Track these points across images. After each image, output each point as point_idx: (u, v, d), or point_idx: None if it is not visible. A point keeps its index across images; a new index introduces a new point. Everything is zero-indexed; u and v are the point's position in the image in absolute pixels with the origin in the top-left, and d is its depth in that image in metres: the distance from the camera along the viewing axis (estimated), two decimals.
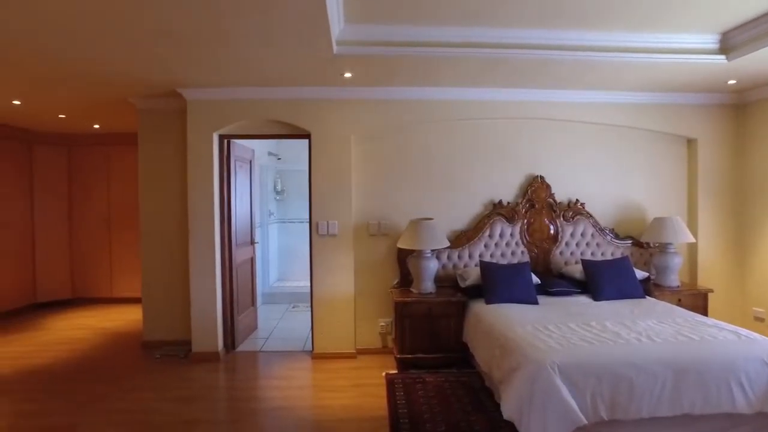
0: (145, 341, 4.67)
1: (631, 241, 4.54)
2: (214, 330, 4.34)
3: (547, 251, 4.48)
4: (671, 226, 4.14)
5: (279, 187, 7.35)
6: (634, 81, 4.09)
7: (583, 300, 3.92)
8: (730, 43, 3.49)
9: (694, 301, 4.08)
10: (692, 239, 4.20)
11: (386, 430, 2.97)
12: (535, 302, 3.80)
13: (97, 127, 6.02)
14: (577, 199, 4.54)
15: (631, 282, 3.98)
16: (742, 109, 4.60)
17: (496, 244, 4.44)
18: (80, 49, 3.12)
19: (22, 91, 4.23)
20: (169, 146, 4.59)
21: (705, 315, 3.92)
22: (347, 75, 3.83)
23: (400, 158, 4.47)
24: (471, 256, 4.41)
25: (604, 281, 3.96)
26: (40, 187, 6.35)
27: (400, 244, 4.12)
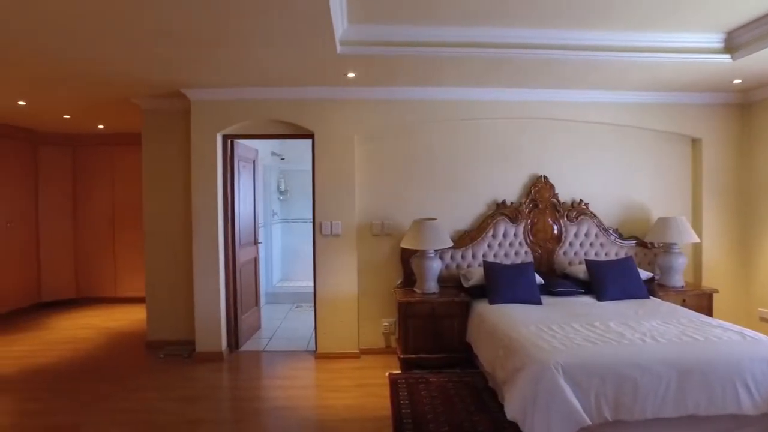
0: (149, 341, 4.68)
1: (635, 241, 4.52)
2: (218, 330, 4.35)
3: (551, 251, 4.47)
4: (676, 226, 4.12)
5: (282, 187, 7.35)
6: (638, 81, 4.07)
7: (587, 300, 3.91)
8: (735, 42, 3.47)
9: (699, 302, 4.06)
10: (697, 239, 4.19)
11: (389, 431, 2.97)
12: (539, 302, 3.79)
13: (101, 127, 6.05)
14: (581, 199, 4.52)
15: (635, 282, 3.97)
16: (747, 109, 4.58)
17: (500, 244, 4.43)
18: (80, 49, 3.12)
19: (23, 91, 4.25)
20: (173, 146, 4.60)
21: (710, 315, 3.90)
22: (350, 75, 3.83)
23: (403, 158, 4.46)
24: (474, 256, 4.40)
25: (608, 281, 3.95)
26: (45, 187, 6.38)
27: (404, 244, 4.12)
